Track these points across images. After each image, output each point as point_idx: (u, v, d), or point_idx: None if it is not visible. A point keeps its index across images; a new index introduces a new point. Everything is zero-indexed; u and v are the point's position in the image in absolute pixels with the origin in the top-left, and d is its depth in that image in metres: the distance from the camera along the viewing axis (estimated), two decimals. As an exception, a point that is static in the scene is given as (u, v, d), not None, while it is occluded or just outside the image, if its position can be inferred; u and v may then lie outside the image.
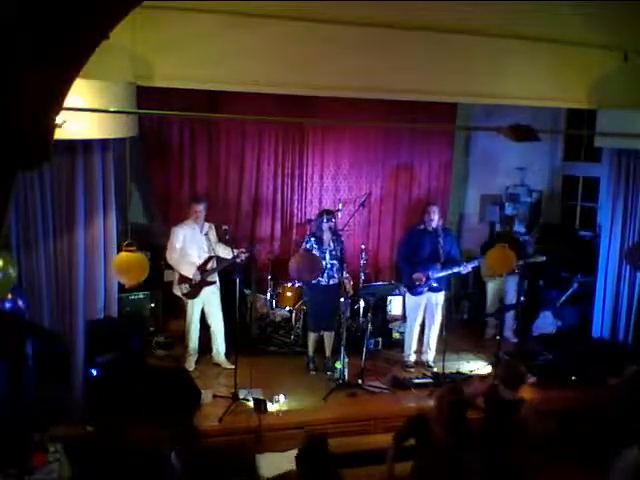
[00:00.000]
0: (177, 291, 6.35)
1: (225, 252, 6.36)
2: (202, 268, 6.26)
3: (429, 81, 5.66)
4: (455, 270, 6.53)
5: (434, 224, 6.50)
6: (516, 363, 4.84)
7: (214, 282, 6.35)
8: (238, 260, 6.20)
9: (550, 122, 8.33)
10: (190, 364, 6.40)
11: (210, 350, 6.56)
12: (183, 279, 6.26)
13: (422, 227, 6.56)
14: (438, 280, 6.54)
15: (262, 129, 7.60)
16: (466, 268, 6.58)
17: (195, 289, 6.27)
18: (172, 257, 6.24)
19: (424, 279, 6.49)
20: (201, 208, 6.21)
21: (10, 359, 4.62)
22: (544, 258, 7.37)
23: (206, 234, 6.26)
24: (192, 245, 6.25)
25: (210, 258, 6.29)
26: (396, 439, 4.14)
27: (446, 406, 3.87)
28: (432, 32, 5.40)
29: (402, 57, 5.44)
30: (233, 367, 5.89)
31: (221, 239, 6.50)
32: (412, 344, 6.78)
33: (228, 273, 6.45)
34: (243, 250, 6.30)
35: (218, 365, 6.51)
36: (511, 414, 4.31)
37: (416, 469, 4.04)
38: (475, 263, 6.72)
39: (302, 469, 3.66)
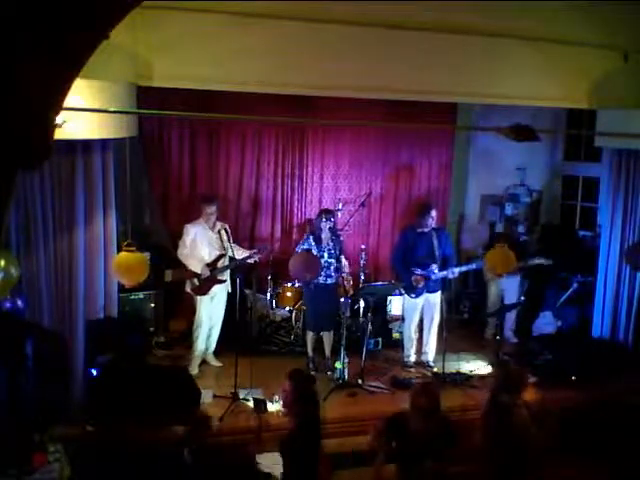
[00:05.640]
0: (187, 287, 6.35)
1: (238, 252, 6.31)
2: (212, 265, 6.24)
3: (429, 81, 5.67)
4: (444, 273, 6.49)
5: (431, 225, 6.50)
6: (516, 367, 4.77)
7: (224, 280, 6.32)
8: (252, 260, 6.21)
9: (550, 122, 8.33)
10: (194, 367, 6.34)
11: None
12: (191, 274, 6.26)
13: (419, 230, 6.53)
14: (435, 280, 6.54)
15: (262, 129, 7.60)
16: (454, 274, 6.57)
17: (204, 286, 6.24)
18: (182, 253, 6.26)
19: (423, 281, 6.49)
20: (212, 210, 6.21)
21: (10, 359, 4.62)
22: (550, 261, 7.16)
23: (218, 232, 6.24)
24: (203, 242, 6.24)
25: (221, 256, 6.26)
26: (375, 441, 4.09)
27: (417, 411, 3.87)
28: (432, 32, 5.40)
29: (402, 57, 5.45)
30: (220, 365, 6.24)
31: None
32: (411, 345, 6.78)
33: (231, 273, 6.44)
34: (256, 251, 6.32)
35: (206, 362, 6.48)
36: (509, 418, 4.27)
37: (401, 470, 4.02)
38: (467, 267, 6.73)
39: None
